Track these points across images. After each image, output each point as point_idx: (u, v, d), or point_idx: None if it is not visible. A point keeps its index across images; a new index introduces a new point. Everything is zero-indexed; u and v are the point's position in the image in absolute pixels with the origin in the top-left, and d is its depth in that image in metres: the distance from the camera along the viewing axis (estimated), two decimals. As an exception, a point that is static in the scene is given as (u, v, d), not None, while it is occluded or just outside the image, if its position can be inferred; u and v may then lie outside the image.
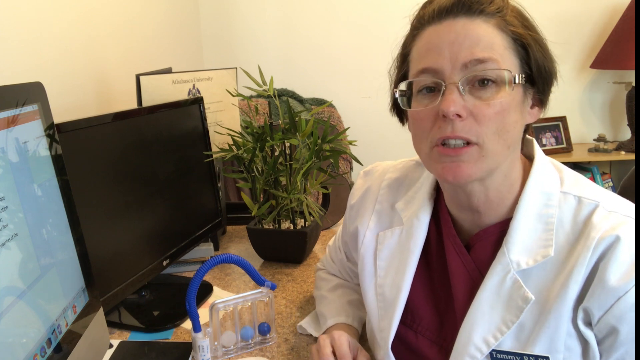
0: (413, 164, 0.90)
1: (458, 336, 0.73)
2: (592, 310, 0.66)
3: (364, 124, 2.80)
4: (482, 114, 0.67)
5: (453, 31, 0.68)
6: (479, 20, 0.68)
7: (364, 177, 0.96)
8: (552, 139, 2.76)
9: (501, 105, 0.67)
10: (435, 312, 0.81)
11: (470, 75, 0.67)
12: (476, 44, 0.67)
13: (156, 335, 1.04)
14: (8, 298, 0.58)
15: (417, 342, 0.81)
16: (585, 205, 0.71)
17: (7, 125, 0.62)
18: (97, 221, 0.95)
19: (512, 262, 0.71)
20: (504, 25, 0.68)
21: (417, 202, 0.83)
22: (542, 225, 0.71)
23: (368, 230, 0.88)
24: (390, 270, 0.83)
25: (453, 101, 0.66)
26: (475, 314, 0.72)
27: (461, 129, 0.67)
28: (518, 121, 0.70)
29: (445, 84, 0.67)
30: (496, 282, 0.71)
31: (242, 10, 2.87)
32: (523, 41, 0.69)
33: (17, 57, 1.21)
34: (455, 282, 0.77)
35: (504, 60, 0.68)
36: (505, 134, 0.68)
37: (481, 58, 0.66)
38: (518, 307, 0.69)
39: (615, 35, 2.55)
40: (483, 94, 0.67)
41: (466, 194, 0.74)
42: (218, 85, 1.47)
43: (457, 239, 0.78)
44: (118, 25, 1.73)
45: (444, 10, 0.69)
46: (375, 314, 0.83)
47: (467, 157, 0.68)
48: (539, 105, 0.74)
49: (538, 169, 0.75)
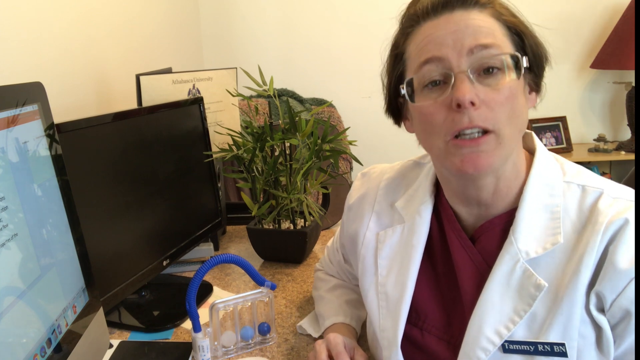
0: (411, 164, 0.90)
1: (468, 329, 0.72)
2: (604, 293, 0.66)
3: (364, 124, 2.80)
4: (494, 101, 0.67)
5: (452, 22, 0.69)
6: (475, 11, 0.69)
7: (362, 179, 0.95)
8: (552, 139, 2.76)
9: (510, 90, 0.67)
10: (442, 308, 0.80)
11: (476, 62, 0.67)
12: (478, 30, 0.68)
13: (156, 335, 1.04)
14: (8, 298, 0.58)
15: (424, 339, 0.80)
16: (589, 193, 0.71)
17: (7, 125, 0.62)
18: (97, 221, 0.95)
19: (520, 251, 0.71)
20: (498, 14, 0.70)
21: (417, 199, 0.83)
22: (548, 214, 0.71)
23: (368, 231, 0.88)
24: (392, 269, 0.82)
25: (467, 89, 0.66)
26: (485, 306, 0.71)
27: (477, 117, 0.66)
28: (525, 105, 0.71)
29: (455, 72, 0.67)
30: (505, 272, 0.71)
31: (242, 10, 2.87)
32: (517, 29, 0.70)
33: (17, 57, 1.21)
34: (462, 276, 0.77)
35: (505, 46, 0.69)
36: (516, 119, 0.69)
37: (485, 43, 0.67)
38: (530, 295, 0.69)
39: (615, 35, 2.55)
40: (491, 80, 0.68)
41: (476, 188, 0.74)
42: (218, 85, 1.47)
43: (462, 233, 0.78)
44: (118, 25, 1.73)
45: (439, 5, 0.70)
46: (377, 313, 0.83)
47: (486, 146, 0.67)
48: (536, 90, 0.75)
49: (540, 160, 0.75)
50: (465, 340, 0.72)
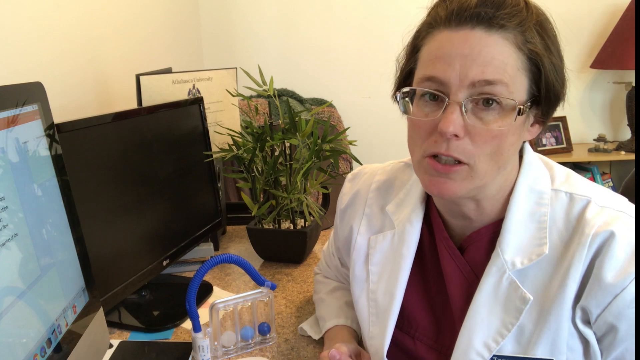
0: (402, 165, 0.89)
1: (457, 341, 0.72)
2: (589, 308, 0.66)
3: (364, 124, 2.80)
4: (480, 136, 0.65)
5: (468, 44, 0.64)
6: (497, 36, 0.64)
7: (352, 181, 0.94)
8: (552, 139, 2.76)
9: (500, 131, 0.65)
10: (432, 317, 0.80)
11: (476, 95, 0.65)
12: (489, 62, 0.63)
13: (156, 335, 1.04)
14: (8, 298, 0.58)
15: (415, 347, 0.80)
16: (577, 201, 0.70)
17: (7, 125, 0.62)
18: (97, 221, 0.95)
19: (506, 262, 0.70)
20: (522, 42, 0.65)
21: (408, 205, 0.82)
22: (534, 224, 0.71)
23: (359, 235, 0.87)
24: (383, 276, 0.82)
25: (453, 122, 0.64)
26: (475, 318, 0.71)
27: (455, 148, 0.65)
28: (514, 143, 0.68)
29: (449, 100, 0.65)
30: (492, 284, 0.71)
31: (242, 10, 2.87)
32: (537, 61, 0.66)
33: (17, 57, 1.21)
34: (451, 286, 0.77)
35: (514, 83, 0.65)
36: (498, 157, 0.67)
37: (491, 80, 0.64)
38: (517, 308, 0.69)
39: (615, 35, 2.55)
40: (485, 115, 0.65)
41: (456, 205, 0.74)
42: (218, 85, 1.47)
43: (450, 242, 0.78)
44: (118, 25, 1.73)
45: (463, 17, 0.65)
46: (367, 320, 0.82)
47: (455, 175, 0.67)
48: (540, 124, 0.73)
49: (527, 168, 0.74)
50: (455, 352, 0.72)
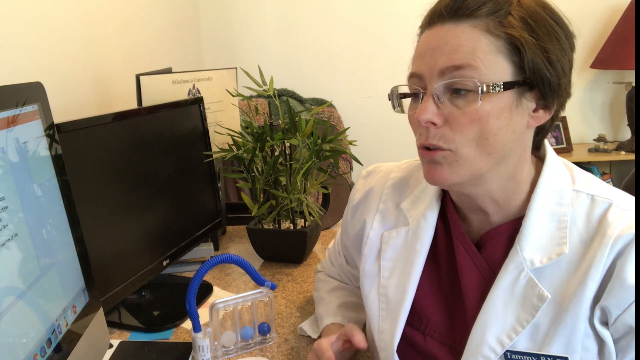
0: (418, 163, 0.89)
1: (470, 336, 0.72)
2: (609, 309, 0.65)
3: (364, 124, 2.80)
4: (457, 122, 0.67)
5: (437, 37, 0.68)
6: (465, 25, 0.66)
7: (366, 178, 0.94)
8: (552, 139, 2.76)
9: (477, 113, 0.66)
10: (445, 313, 0.80)
11: (447, 82, 0.67)
12: (456, 49, 0.66)
13: (156, 335, 1.04)
14: (8, 298, 0.58)
15: (426, 343, 0.80)
16: (598, 203, 0.70)
17: (7, 125, 0.62)
18: (97, 221, 0.95)
19: (525, 260, 0.70)
20: (496, 27, 0.65)
21: (423, 201, 0.83)
22: (555, 223, 0.71)
23: (372, 231, 0.87)
24: (395, 271, 0.82)
25: (425, 110, 0.68)
26: (489, 313, 0.71)
27: (434, 136, 0.69)
28: (502, 128, 0.67)
29: (423, 91, 0.69)
30: (509, 281, 0.71)
31: (242, 10, 2.87)
32: (516, 43, 0.65)
33: (17, 57, 1.21)
34: (466, 282, 0.77)
35: (488, 65, 0.65)
36: (484, 141, 0.67)
37: (458, 64, 0.66)
38: (533, 305, 0.69)
39: (615, 35, 2.55)
40: (459, 102, 0.67)
41: (467, 197, 0.74)
42: (218, 85, 1.47)
43: (466, 238, 0.78)
44: (118, 25, 1.73)
45: (435, 15, 0.69)
46: (376, 315, 0.82)
47: (440, 159, 0.69)
48: (544, 109, 0.70)
49: (549, 168, 0.74)
50: (468, 347, 0.72)
